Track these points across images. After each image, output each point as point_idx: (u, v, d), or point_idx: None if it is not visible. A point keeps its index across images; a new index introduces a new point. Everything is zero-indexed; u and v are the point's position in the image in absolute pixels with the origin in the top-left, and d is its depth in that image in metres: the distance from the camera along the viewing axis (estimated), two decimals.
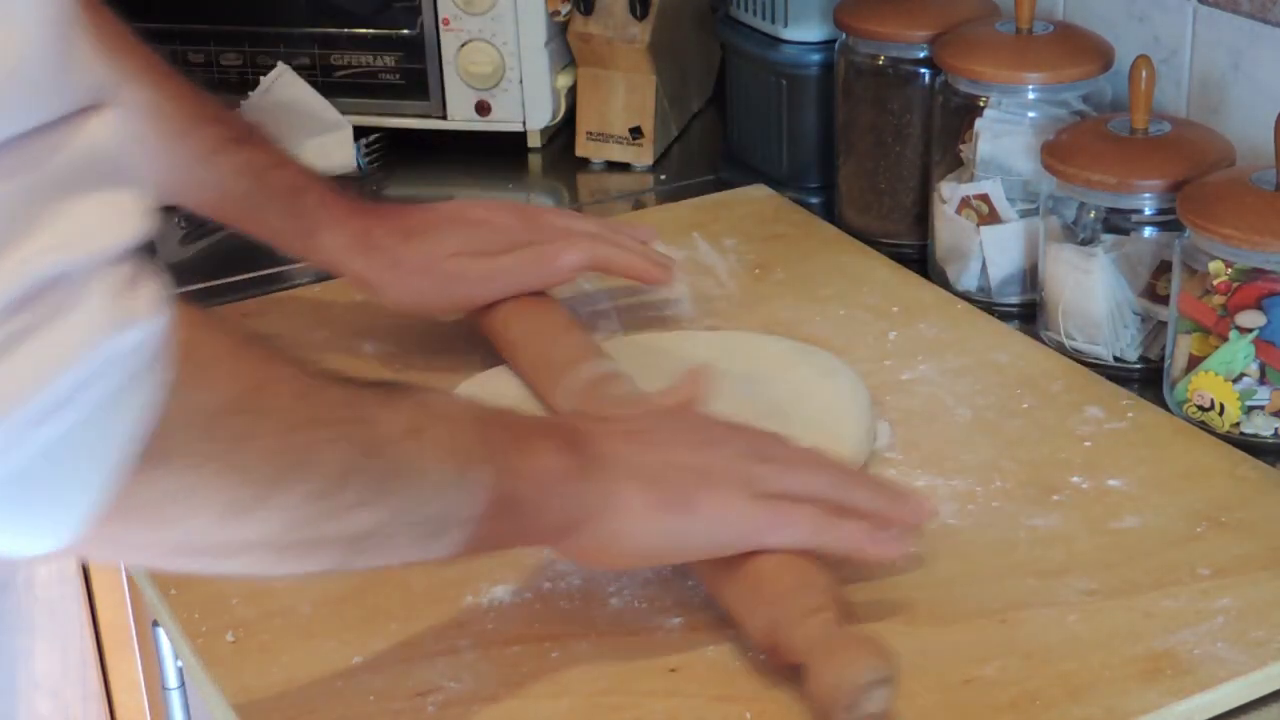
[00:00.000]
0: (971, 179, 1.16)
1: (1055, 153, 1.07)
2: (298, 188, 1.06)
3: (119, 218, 0.52)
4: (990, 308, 1.16)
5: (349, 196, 1.08)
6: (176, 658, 1.08)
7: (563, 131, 1.51)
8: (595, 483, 0.77)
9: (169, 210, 1.39)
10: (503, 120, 1.46)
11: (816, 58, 1.32)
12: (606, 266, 1.09)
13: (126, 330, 0.53)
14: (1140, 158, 1.05)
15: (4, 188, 0.49)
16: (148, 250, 0.54)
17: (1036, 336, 1.11)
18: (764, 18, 1.34)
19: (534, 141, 1.48)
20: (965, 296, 1.17)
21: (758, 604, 0.79)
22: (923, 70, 1.21)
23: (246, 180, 1.05)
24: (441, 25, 1.43)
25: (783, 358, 1.07)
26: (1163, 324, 1.05)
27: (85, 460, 0.54)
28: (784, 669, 0.78)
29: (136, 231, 0.53)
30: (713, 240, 1.26)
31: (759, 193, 1.34)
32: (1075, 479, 0.94)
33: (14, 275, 0.49)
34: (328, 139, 1.43)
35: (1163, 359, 1.04)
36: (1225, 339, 0.98)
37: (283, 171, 1.06)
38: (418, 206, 1.11)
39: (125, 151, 0.53)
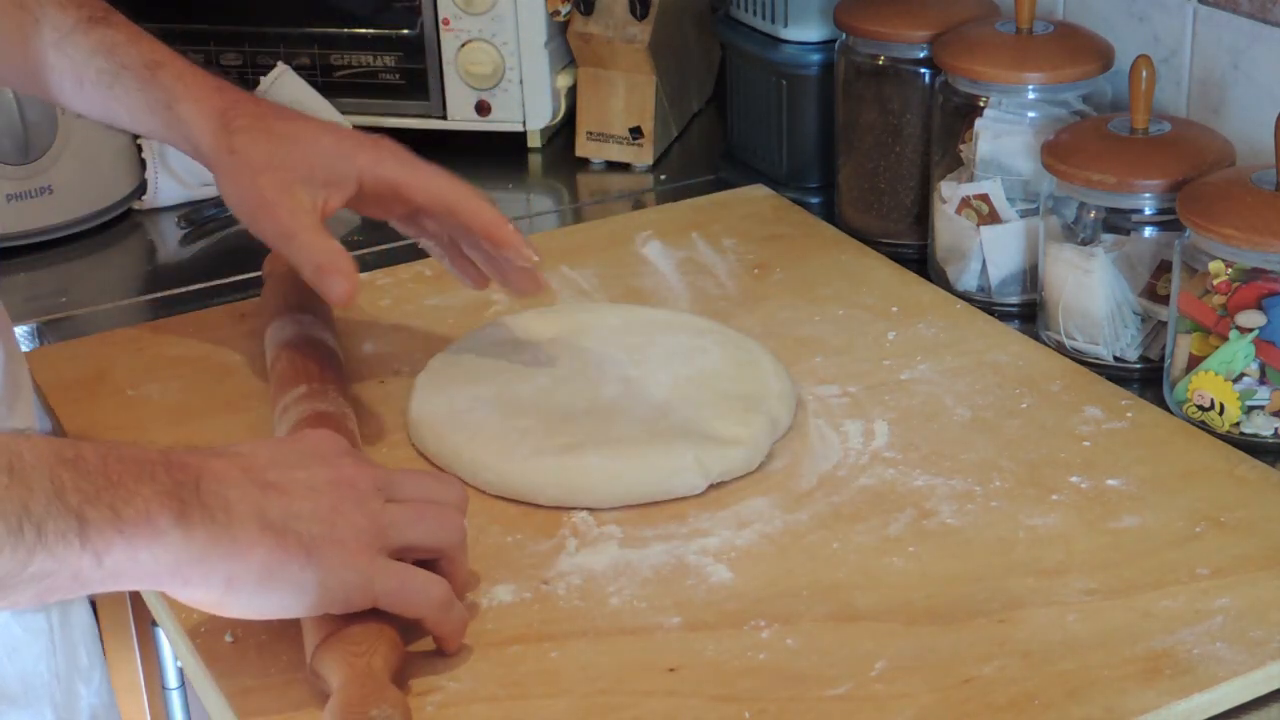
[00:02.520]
0: (971, 179, 1.16)
1: (1055, 153, 1.07)
2: (155, 62, 1.01)
3: None
4: (990, 308, 1.16)
5: (210, 74, 1.03)
6: (176, 658, 1.08)
7: (563, 131, 1.51)
8: (206, 528, 0.72)
9: (169, 211, 1.39)
10: (503, 120, 1.46)
11: (816, 58, 1.32)
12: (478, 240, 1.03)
13: None
14: (1140, 158, 1.05)
15: None
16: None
17: (1036, 336, 1.11)
18: (764, 18, 1.34)
19: (534, 141, 1.49)
20: (965, 296, 1.17)
21: (320, 630, 0.78)
22: (923, 70, 1.21)
23: (101, 58, 1.00)
24: (441, 25, 1.44)
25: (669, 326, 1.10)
26: (1163, 324, 1.05)
27: None
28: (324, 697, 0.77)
29: None
30: (712, 240, 1.26)
31: (758, 193, 1.34)
32: (1074, 479, 0.94)
33: None
34: None
35: (1163, 359, 1.04)
36: (1225, 339, 0.98)
37: (139, 46, 1.01)
38: (282, 108, 1.05)
39: None
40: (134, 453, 0.73)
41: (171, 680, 1.12)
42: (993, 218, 1.15)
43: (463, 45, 1.44)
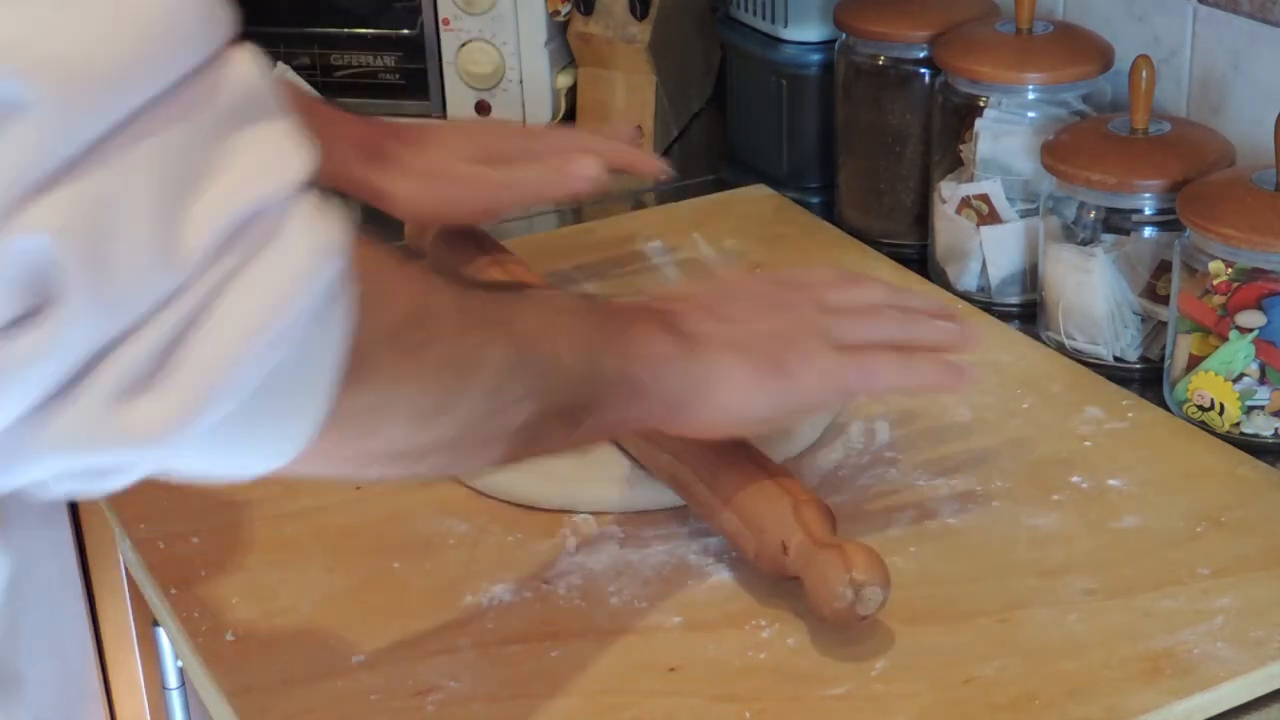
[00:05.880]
0: (971, 179, 1.16)
1: (1055, 153, 1.07)
2: (295, 102, 1.04)
3: (290, 147, 0.53)
4: (990, 308, 1.16)
5: (349, 111, 1.09)
6: (176, 658, 1.08)
7: None
8: (697, 359, 0.80)
9: None
10: (503, 120, 1.46)
11: (816, 58, 1.32)
12: (613, 164, 1.12)
13: (329, 256, 0.54)
14: (1140, 158, 1.05)
15: (182, 129, 0.49)
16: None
17: (1036, 336, 1.11)
18: (764, 18, 1.34)
19: None
20: (965, 296, 1.17)
21: (759, 526, 0.83)
22: (923, 70, 1.21)
23: None
24: (441, 25, 1.44)
25: None
26: (1163, 324, 1.05)
27: (302, 381, 0.56)
28: (783, 579, 0.82)
29: (309, 159, 0.53)
30: (713, 240, 1.26)
31: (759, 193, 1.34)
32: (1075, 479, 0.94)
33: (216, 214, 0.50)
34: None
35: (1163, 359, 1.04)
36: (1225, 339, 0.98)
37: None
38: (420, 121, 1.14)
39: (271, 84, 0.53)
40: (626, 304, 0.83)
41: (171, 680, 1.12)
42: (993, 218, 1.15)
43: (463, 45, 1.44)
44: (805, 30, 1.32)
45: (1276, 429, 0.98)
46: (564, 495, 0.93)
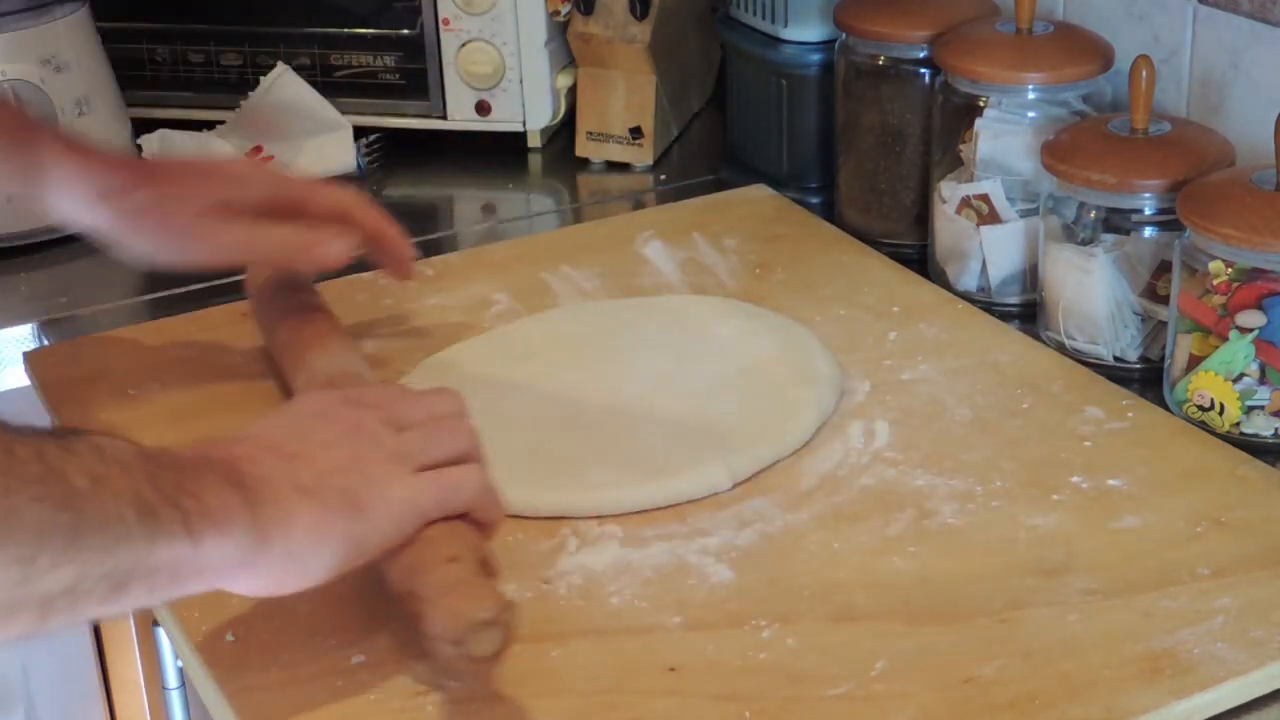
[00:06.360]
0: (971, 179, 1.16)
1: (1055, 153, 1.07)
2: (25, 125, 1.00)
3: None
4: (990, 308, 1.16)
5: (84, 141, 1.03)
6: (176, 658, 1.08)
7: (563, 131, 1.51)
8: (262, 510, 0.74)
9: None
10: (503, 120, 1.46)
11: (816, 58, 1.32)
12: (369, 236, 1.07)
13: None
14: (1140, 158, 1.05)
15: None
16: None
17: (1036, 336, 1.11)
18: (764, 18, 1.34)
19: (534, 141, 1.49)
20: (965, 296, 1.17)
21: (400, 552, 0.79)
22: (923, 70, 1.21)
23: None
24: (441, 25, 1.44)
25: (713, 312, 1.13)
26: (1163, 324, 1.05)
27: None
28: (414, 615, 0.78)
29: None
30: (713, 240, 1.26)
31: (759, 193, 1.34)
32: (1075, 479, 0.94)
33: None
34: (328, 139, 1.43)
35: (1163, 359, 1.04)
36: (1225, 339, 0.98)
37: (5, 109, 1.00)
38: (163, 159, 1.07)
39: None
40: (187, 454, 0.74)
41: (171, 680, 1.12)
42: (993, 218, 1.15)
43: (463, 45, 1.44)
44: (805, 30, 1.32)
45: (1276, 429, 0.98)
46: (554, 503, 0.93)
